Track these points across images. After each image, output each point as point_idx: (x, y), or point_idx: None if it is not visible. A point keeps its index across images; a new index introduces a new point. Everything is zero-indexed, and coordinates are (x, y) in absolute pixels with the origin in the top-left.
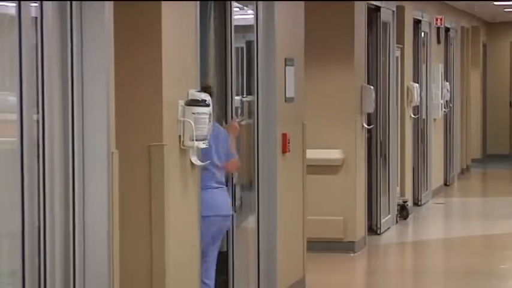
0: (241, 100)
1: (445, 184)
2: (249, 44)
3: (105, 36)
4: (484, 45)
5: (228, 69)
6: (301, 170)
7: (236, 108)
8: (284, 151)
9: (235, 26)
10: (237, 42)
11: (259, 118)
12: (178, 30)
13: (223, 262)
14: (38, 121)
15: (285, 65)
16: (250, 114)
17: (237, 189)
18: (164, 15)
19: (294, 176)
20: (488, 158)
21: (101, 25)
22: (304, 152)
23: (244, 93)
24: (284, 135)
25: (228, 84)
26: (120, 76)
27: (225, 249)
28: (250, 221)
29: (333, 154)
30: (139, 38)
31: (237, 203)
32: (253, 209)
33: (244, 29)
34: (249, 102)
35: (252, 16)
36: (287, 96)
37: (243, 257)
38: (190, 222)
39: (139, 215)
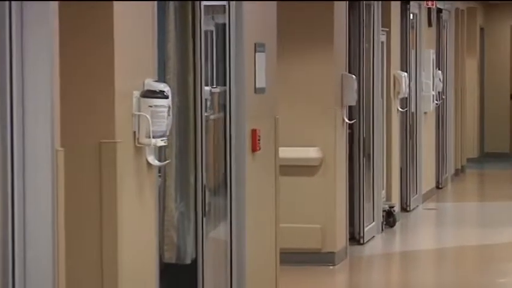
0: (210, 91)
1: (437, 187)
2: (218, 27)
3: (48, 24)
4: (481, 29)
5: (197, 57)
6: (273, 171)
7: (206, 100)
8: (254, 149)
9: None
10: (205, 25)
11: (232, 112)
12: (133, 13)
13: (191, 274)
14: None
15: (255, 51)
16: (219, 107)
17: (207, 193)
18: None
19: (265, 178)
20: (486, 157)
21: (44, 13)
22: (276, 151)
23: (214, 83)
24: (254, 132)
25: (196, 74)
26: (67, 66)
27: (189, 262)
28: (220, 229)
29: (310, 153)
30: (89, 23)
31: (206, 208)
32: (224, 215)
33: (213, 9)
34: (218, 94)
35: None
36: (257, 86)
37: (213, 269)
38: (146, 227)
39: (88, 220)
